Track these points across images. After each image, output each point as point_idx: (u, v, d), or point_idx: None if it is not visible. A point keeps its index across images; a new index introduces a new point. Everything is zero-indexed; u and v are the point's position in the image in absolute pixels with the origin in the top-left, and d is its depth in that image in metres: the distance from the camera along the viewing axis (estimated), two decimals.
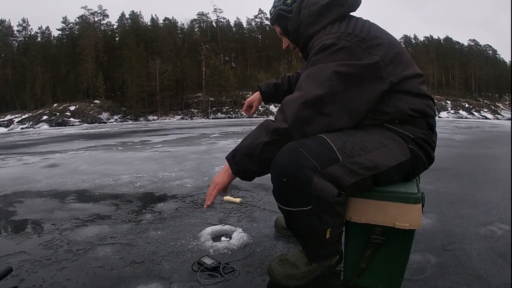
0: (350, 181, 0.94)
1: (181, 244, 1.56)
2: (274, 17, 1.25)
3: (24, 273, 1.30)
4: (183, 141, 7.70)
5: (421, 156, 1.07)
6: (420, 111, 1.07)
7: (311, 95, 0.96)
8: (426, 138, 1.08)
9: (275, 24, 1.27)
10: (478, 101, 50.63)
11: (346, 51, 1.00)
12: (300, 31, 1.16)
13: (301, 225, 1.02)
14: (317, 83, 0.97)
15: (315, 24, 1.12)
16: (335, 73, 0.97)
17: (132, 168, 3.73)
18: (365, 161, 0.96)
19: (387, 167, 1.00)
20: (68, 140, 9.70)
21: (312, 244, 1.11)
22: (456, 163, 3.83)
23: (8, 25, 46.96)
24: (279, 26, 1.25)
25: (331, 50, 1.00)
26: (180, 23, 56.28)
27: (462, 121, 22.31)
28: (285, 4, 1.20)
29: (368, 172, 0.97)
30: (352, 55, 0.99)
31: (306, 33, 1.14)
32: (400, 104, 1.04)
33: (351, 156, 0.95)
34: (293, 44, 1.26)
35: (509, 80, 54.45)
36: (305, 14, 1.13)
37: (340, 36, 1.02)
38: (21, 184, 3.04)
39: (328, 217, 0.99)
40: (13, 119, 36.99)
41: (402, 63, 1.05)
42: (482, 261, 1.32)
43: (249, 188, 2.62)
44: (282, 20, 1.22)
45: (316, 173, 0.91)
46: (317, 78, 0.98)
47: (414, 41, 63.33)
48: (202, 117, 40.37)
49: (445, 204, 2.10)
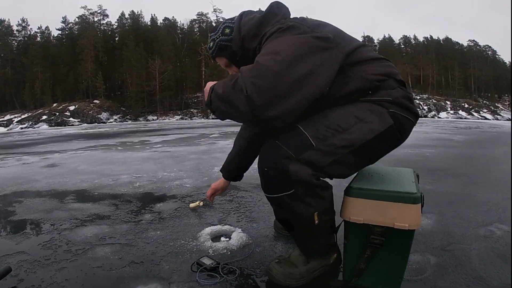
0: (326, 162, 0.99)
1: (180, 244, 1.56)
2: (216, 50, 1.22)
3: (23, 273, 1.30)
4: (183, 141, 7.70)
5: (404, 116, 1.07)
6: (384, 73, 1.09)
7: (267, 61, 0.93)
8: (403, 94, 1.09)
9: (218, 57, 1.24)
10: (477, 102, 50.63)
11: (293, 28, 1.01)
12: (245, 46, 1.15)
13: (289, 212, 1.05)
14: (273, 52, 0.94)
15: (257, 36, 1.12)
16: (293, 43, 0.96)
17: (131, 168, 3.73)
18: (339, 141, 0.99)
19: (364, 141, 1.02)
20: (68, 140, 9.69)
21: (304, 234, 1.12)
22: (456, 164, 3.83)
23: (8, 25, 46.86)
24: (223, 56, 1.22)
25: (279, 31, 1.01)
26: (180, 23, 56.24)
27: (461, 122, 22.34)
28: (224, 35, 1.19)
29: (344, 150, 1.00)
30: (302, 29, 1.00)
31: (251, 46, 1.14)
32: (364, 74, 1.06)
33: (324, 140, 0.99)
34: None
35: (508, 81, 54.48)
36: (246, 29, 1.14)
37: (283, 22, 1.06)
38: (20, 184, 3.04)
39: (311, 199, 1.02)
40: (13, 119, 36.94)
41: (345, 38, 1.09)
42: (482, 262, 1.32)
43: (249, 188, 2.62)
44: (225, 50, 1.20)
45: (292, 160, 0.97)
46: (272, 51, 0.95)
47: (413, 42, 63.39)
48: (201, 117, 40.32)
49: (445, 205, 2.10)
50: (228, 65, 1.25)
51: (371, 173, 1.33)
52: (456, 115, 43.66)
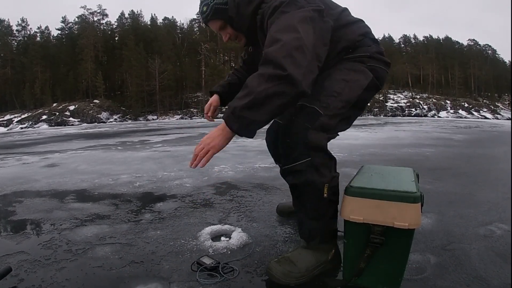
0: (335, 123, 1.18)
1: (181, 244, 1.56)
2: (211, 13, 1.30)
3: (23, 273, 1.30)
4: (183, 140, 7.70)
5: (380, 67, 1.28)
6: (362, 33, 1.29)
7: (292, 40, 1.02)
8: (377, 49, 1.29)
9: (213, 20, 1.32)
10: (477, 101, 50.62)
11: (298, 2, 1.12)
12: (241, 12, 1.26)
13: (303, 180, 1.14)
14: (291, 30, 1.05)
15: (251, 2, 1.25)
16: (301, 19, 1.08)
17: (131, 168, 3.73)
18: (339, 103, 1.18)
19: (357, 96, 1.22)
20: (68, 139, 9.68)
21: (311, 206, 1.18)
22: (456, 163, 3.83)
23: (8, 25, 46.89)
24: (220, 19, 1.32)
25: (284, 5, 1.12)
26: (180, 23, 56.39)
27: (461, 121, 22.33)
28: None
29: (345, 108, 1.20)
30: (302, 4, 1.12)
31: (247, 12, 1.26)
32: (346, 36, 1.25)
33: (327, 107, 1.15)
34: (235, 33, 1.35)
35: (508, 80, 54.47)
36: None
37: None
38: (20, 183, 3.04)
39: (325, 169, 1.15)
40: (13, 118, 36.95)
41: (331, 6, 1.26)
42: (482, 261, 1.32)
43: (249, 188, 2.62)
44: (221, 13, 1.30)
45: (309, 129, 1.11)
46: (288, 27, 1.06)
47: (413, 41, 63.40)
48: (201, 117, 40.33)
49: (445, 204, 2.10)
50: (222, 27, 1.34)
51: (371, 173, 1.33)
52: (456, 114, 43.67)
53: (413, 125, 13.37)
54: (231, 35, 1.37)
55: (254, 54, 1.52)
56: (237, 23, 1.29)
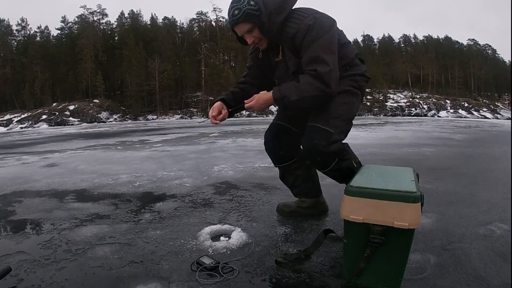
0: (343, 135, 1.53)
1: (180, 243, 1.56)
2: (243, 16, 1.43)
3: (23, 273, 1.30)
4: (183, 140, 7.70)
5: (364, 85, 1.62)
6: (355, 54, 1.60)
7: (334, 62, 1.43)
8: (364, 68, 1.62)
9: (243, 22, 1.45)
10: (477, 101, 50.57)
11: (325, 23, 1.45)
12: (272, 19, 1.45)
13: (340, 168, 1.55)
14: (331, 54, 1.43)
15: (282, 12, 1.46)
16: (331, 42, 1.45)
17: (131, 168, 3.73)
18: (343, 122, 1.52)
19: (354, 114, 1.58)
20: (67, 139, 9.68)
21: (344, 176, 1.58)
22: (456, 163, 3.83)
23: (7, 25, 46.75)
24: (250, 22, 1.45)
25: (318, 25, 1.43)
26: (180, 23, 56.23)
27: (461, 121, 22.34)
28: (250, 5, 1.42)
29: (347, 124, 1.56)
30: (329, 24, 1.46)
31: (277, 20, 1.45)
32: (349, 53, 1.57)
33: (336, 126, 1.48)
34: (260, 37, 1.51)
35: (508, 80, 54.41)
36: (272, 6, 1.44)
37: (313, 15, 1.45)
38: (20, 183, 3.04)
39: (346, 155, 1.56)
40: (12, 118, 36.91)
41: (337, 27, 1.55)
42: (482, 261, 1.32)
43: (249, 187, 2.62)
44: (252, 17, 1.44)
45: (329, 145, 1.46)
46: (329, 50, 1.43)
47: (413, 41, 63.36)
48: (201, 117, 40.31)
49: (445, 204, 2.10)
50: (250, 30, 1.48)
51: (371, 172, 1.33)
52: (456, 114, 43.65)
53: (413, 125, 13.37)
54: (256, 38, 1.50)
55: (263, 61, 1.67)
56: (267, 28, 1.46)
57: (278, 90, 1.45)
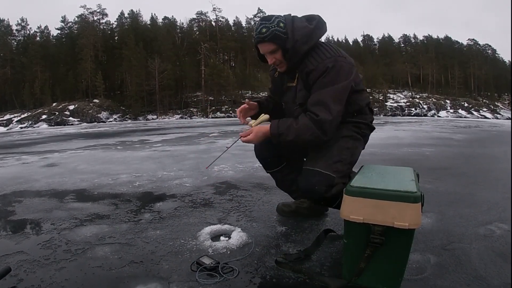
0: (345, 180, 1.46)
1: (180, 243, 1.55)
2: (269, 36, 1.43)
3: (22, 273, 1.30)
4: (182, 140, 7.70)
5: (368, 133, 1.66)
6: (367, 103, 1.61)
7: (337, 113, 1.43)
8: (371, 118, 1.65)
9: (268, 42, 1.45)
10: (477, 101, 50.56)
11: (344, 70, 1.44)
12: (297, 47, 1.44)
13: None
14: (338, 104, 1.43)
15: (307, 43, 1.45)
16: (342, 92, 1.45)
17: (131, 168, 3.72)
18: (345, 166, 1.51)
19: (356, 159, 1.58)
20: (67, 139, 9.68)
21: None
22: (456, 163, 3.83)
23: (7, 25, 46.72)
24: (275, 43, 1.45)
25: (335, 71, 1.42)
26: (180, 22, 56.22)
27: (461, 121, 22.33)
28: (279, 27, 1.43)
29: (349, 169, 1.56)
30: (347, 72, 1.45)
31: (301, 50, 1.45)
32: (359, 101, 1.56)
33: (338, 171, 1.46)
34: (282, 60, 1.50)
35: (508, 80, 54.37)
36: (299, 35, 1.43)
37: (336, 59, 1.43)
38: (20, 183, 3.04)
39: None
40: (12, 118, 36.90)
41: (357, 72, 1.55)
42: (482, 261, 1.32)
43: (249, 187, 2.62)
44: (279, 39, 1.44)
45: (330, 190, 1.44)
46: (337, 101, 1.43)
47: (413, 41, 63.36)
48: (201, 116, 40.30)
49: (445, 204, 2.10)
50: (273, 51, 1.47)
51: (371, 172, 1.33)
52: (456, 114, 43.66)
53: (413, 125, 13.37)
54: (277, 60, 1.50)
55: (277, 81, 1.71)
56: (290, 55, 1.46)
57: (277, 126, 1.45)
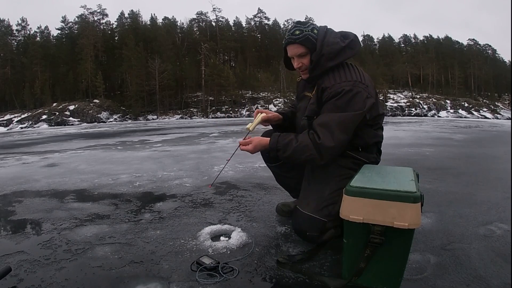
0: (337, 222, 1.37)
1: (180, 243, 1.55)
2: (302, 38, 1.42)
3: (23, 273, 1.30)
4: (183, 140, 7.70)
5: None
6: (376, 142, 1.53)
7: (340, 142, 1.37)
8: (374, 160, 1.54)
9: (299, 45, 1.44)
10: (477, 101, 50.49)
11: (360, 97, 1.37)
12: (321, 62, 1.42)
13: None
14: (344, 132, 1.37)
15: (333, 60, 1.42)
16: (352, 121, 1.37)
17: (131, 168, 3.73)
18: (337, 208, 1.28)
19: None
20: (67, 139, 9.68)
21: None
22: (456, 163, 3.83)
23: (7, 25, 46.72)
24: (306, 47, 1.43)
25: (350, 96, 1.36)
26: (180, 23, 56.19)
27: (461, 121, 22.33)
28: (313, 32, 1.43)
29: None
30: (363, 101, 1.37)
31: (325, 65, 1.42)
32: (367, 137, 1.49)
33: (329, 214, 1.39)
34: (307, 66, 1.47)
35: (508, 80, 54.35)
36: (328, 50, 1.41)
37: (354, 83, 1.37)
38: (20, 183, 3.04)
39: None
40: (12, 118, 36.91)
41: (378, 105, 1.48)
42: (482, 261, 1.32)
43: (249, 187, 2.62)
44: (309, 43, 1.43)
45: (321, 235, 1.42)
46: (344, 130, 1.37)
47: (413, 41, 63.32)
48: (201, 117, 40.30)
49: (445, 204, 2.10)
50: (303, 55, 1.46)
51: (371, 172, 1.33)
52: (456, 114, 43.62)
53: (413, 125, 13.37)
54: (303, 65, 1.48)
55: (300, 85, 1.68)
56: (313, 66, 1.45)
57: (276, 141, 1.43)
